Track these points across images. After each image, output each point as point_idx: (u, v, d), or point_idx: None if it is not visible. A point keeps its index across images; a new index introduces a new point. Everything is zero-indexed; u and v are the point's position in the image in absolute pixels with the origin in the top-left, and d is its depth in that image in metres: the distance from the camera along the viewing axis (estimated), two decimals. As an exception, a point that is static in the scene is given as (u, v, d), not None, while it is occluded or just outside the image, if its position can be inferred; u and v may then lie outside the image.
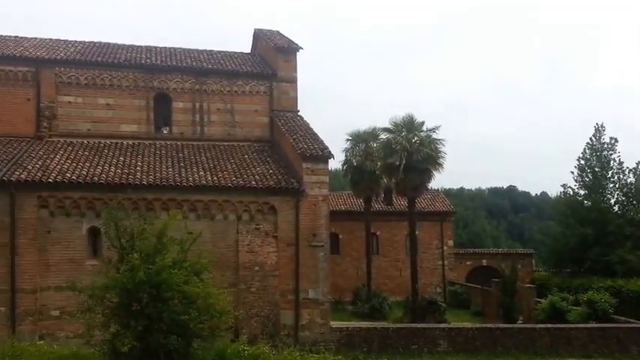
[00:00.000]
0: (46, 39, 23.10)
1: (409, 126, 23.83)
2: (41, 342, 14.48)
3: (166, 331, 10.39)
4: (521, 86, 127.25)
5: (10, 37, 22.72)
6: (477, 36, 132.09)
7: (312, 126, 21.76)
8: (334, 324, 19.60)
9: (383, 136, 25.48)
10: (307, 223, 19.11)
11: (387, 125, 24.42)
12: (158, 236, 11.60)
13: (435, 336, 18.78)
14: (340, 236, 31.10)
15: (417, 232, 25.40)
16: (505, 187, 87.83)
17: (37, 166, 17.94)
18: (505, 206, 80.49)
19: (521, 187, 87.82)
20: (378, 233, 31.81)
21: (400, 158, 22.77)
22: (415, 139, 23.62)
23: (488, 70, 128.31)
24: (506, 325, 20.79)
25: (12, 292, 16.65)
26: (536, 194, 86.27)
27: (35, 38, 23.00)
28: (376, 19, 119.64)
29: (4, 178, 16.84)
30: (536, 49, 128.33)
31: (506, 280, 24.06)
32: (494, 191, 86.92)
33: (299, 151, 19.41)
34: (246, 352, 11.60)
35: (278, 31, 24.94)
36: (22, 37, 22.86)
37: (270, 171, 19.89)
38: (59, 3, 56.58)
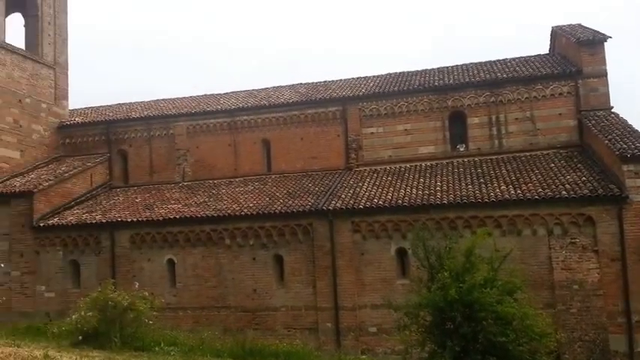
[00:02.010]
0: (348, 78, 25.51)
1: None
2: (363, 356, 15.50)
3: (483, 352, 9.85)
4: None
5: (320, 82, 25.91)
6: None
7: (630, 122, 18.66)
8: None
9: None
10: (635, 234, 16.17)
11: None
12: (466, 255, 11.25)
13: None
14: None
15: None
16: None
17: (349, 194, 19.56)
18: None
19: None
20: None
21: None
22: None
23: None
24: None
25: (335, 310, 18.27)
26: None
27: (340, 80, 25.67)
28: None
29: (324, 207, 18.80)
30: None
31: None
32: None
33: (617, 153, 16.67)
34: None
35: (580, 24, 22.40)
36: (329, 81, 25.78)
37: (583, 178, 17.58)
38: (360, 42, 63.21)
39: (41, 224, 21.08)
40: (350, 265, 18.38)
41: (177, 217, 20.03)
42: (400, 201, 18.24)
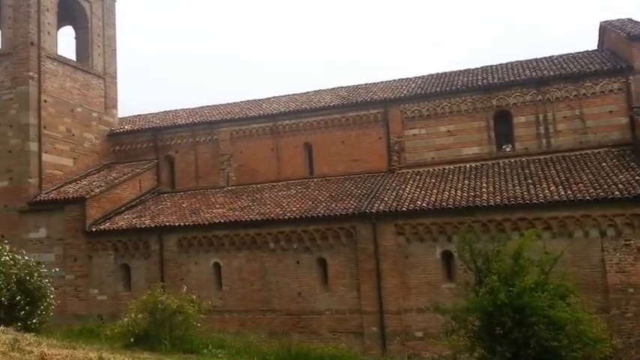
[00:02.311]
0: (390, 80, 25.39)
1: None
2: (410, 361, 15.32)
3: (535, 358, 9.60)
4: None
5: (360, 85, 25.87)
6: None
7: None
8: None
9: None
10: (697, 237, 15.42)
11: None
12: (514, 257, 11.01)
13: None
14: None
15: None
16: None
17: (392, 197, 19.41)
18: None
19: None
20: None
21: None
22: None
23: None
24: None
25: (380, 314, 18.12)
26: None
27: (381, 82, 25.57)
28: None
29: (366, 210, 18.70)
30: None
31: None
32: None
33: (674, 151, 15.98)
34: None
35: (629, 19, 21.64)
36: (370, 83, 25.72)
37: (637, 177, 16.89)
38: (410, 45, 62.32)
39: (93, 229, 21.82)
40: (394, 269, 18.22)
41: (223, 221, 20.35)
42: (444, 203, 17.98)
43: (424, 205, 18.18)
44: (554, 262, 11.32)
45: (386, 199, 19.29)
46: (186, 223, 20.78)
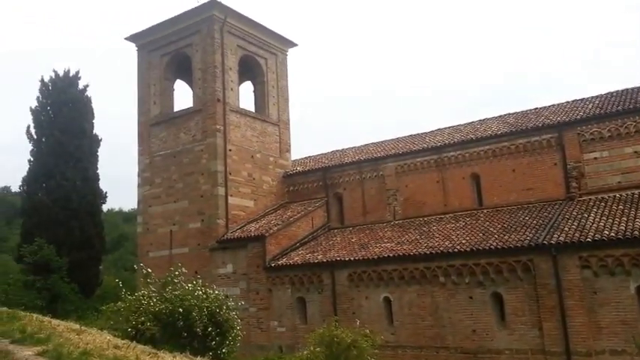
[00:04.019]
0: (561, 103, 23.86)
1: None
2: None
3: None
4: None
5: (530, 110, 24.61)
6: None
7: None
8: None
9: None
10: None
11: None
12: None
13: None
14: None
15: None
16: None
17: (574, 226, 17.90)
18: None
19: None
20: None
21: None
22: None
23: None
24: None
25: (567, 355, 16.56)
26: None
27: (552, 105, 24.09)
28: None
29: (545, 241, 17.45)
30: None
31: None
32: None
33: None
34: None
35: None
36: (540, 107, 24.40)
37: None
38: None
39: (272, 264, 23.49)
40: (581, 306, 16.63)
41: (391, 255, 20.52)
42: (637, 232, 16.07)
43: (612, 234, 16.45)
44: None
45: (566, 229, 17.84)
46: (356, 258, 21.34)
